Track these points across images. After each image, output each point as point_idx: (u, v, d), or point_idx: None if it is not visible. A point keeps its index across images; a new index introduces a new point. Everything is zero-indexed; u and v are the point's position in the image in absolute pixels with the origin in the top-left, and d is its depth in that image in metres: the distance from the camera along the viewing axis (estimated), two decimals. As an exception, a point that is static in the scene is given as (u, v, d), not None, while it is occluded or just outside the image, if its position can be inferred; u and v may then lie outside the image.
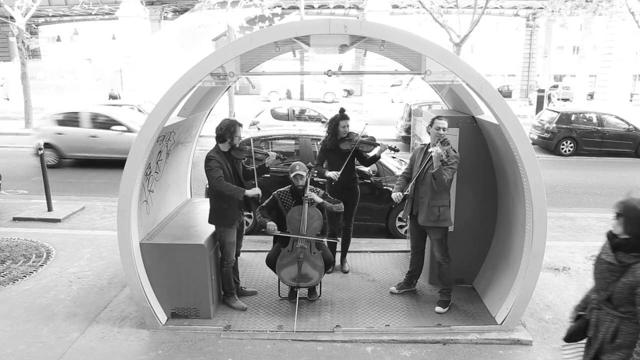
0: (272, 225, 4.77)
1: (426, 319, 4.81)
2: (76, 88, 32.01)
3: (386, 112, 25.32)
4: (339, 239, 5.82)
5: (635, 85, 35.71)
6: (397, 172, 7.09)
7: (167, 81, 4.73)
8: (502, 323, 4.62)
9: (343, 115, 5.55)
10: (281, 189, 5.03)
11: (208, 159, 4.65)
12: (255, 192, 4.64)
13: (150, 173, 4.86)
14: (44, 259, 6.28)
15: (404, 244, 6.66)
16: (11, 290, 5.45)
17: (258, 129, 11.15)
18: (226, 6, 19.53)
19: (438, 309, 4.95)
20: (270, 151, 5.19)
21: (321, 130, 7.64)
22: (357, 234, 6.58)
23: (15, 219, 7.88)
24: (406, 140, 14.21)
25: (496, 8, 29.52)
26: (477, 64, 25.13)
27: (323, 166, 5.62)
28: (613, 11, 21.16)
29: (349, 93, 37.40)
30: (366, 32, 4.12)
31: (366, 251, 6.55)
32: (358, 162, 5.78)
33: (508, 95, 36.33)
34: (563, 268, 6.14)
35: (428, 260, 5.42)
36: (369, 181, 7.06)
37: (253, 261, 6.12)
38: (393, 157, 8.15)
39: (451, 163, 4.58)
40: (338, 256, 5.89)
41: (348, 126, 5.53)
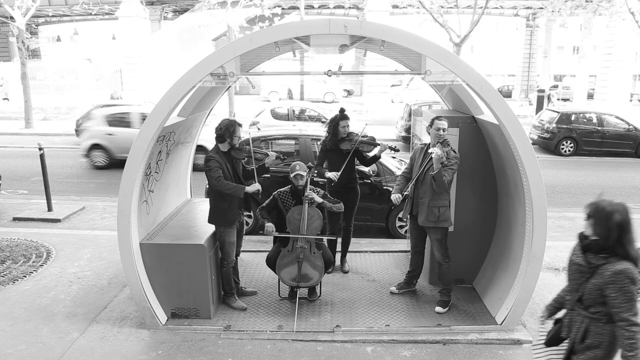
0: (271, 226, 4.77)
1: (426, 319, 4.81)
2: (76, 88, 32.00)
3: (386, 112, 25.34)
4: (339, 238, 5.82)
5: (635, 85, 35.71)
6: (397, 172, 7.09)
7: (167, 81, 4.73)
8: (502, 323, 4.62)
9: (343, 115, 5.55)
10: (281, 189, 5.03)
11: (207, 159, 4.65)
12: (255, 188, 4.64)
13: (150, 173, 4.86)
14: (44, 259, 6.28)
15: (404, 244, 6.66)
16: (11, 290, 5.45)
17: (258, 129, 11.15)
18: (226, 6, 19.52)
19: (438, 309, 4.95)
20: (270, 151, 5.20)
21: (321, 130, 7.64)
22: (357, 234, 6.59)
23: (15, 219, 7.88)
24: (406, 140, 14.21)
25: (496, 8, 29.50)
26: (477, 64, 25.12)
27: (323, 166, 5.63)
28: (613, 11, 21.17)
29: (349, 93, 37.42)
30: (366, 32, 4.12)
31: (366, 251, 6.55)
32: (358, 162, 5.78)
33: (508, 95, 36.36)
34: (563, 268, 6.14)
35: (428, 260, 5.42)
36: (369, 181, 7.06)
37: (253, 261, 6.12)
38: (393, 157, 8.15)
39: (451, 164, 4.58)
40: (338, 256, 5.90)
41: (348, 126, 5.53)
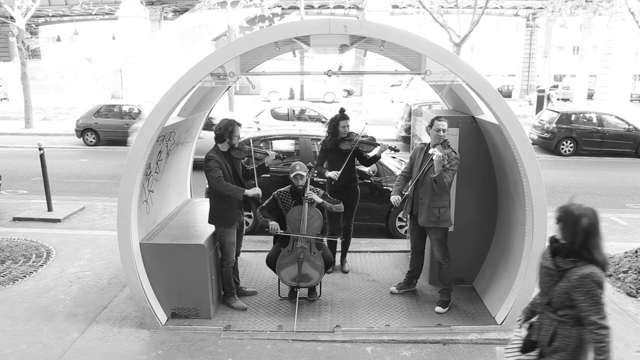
0: (275, 224, 4.77)
1: (426, 319, 4.81)
2: (76, 88, 32.01)
3: (386, 112, 25.34)
4: (340, 239, 5.81)
5: (635, 85, 35.70)
6: (397, 172, 7.09)
7: (167, 81, 4.73)
8: (502, 323, 4.62)
9: (343, 115, 5.55)
10: (281, 189, 5.03)
11: (207, 159, 4.65)
12: (255, 192, 4.64)
13: (150, 173, 4.86)
14: (44, 259, 6.28)
15: (404, 244, 6.66)
16: (11, 290, 5.45)
17: (258, 129, 11.15)
18: (226, 6, 19.54)
19: (438, 309, 4.95)
20: (269, 150, 5.19)
21: (321, 130, 7.64)
22: (357, 234, 6.58)
23: (15, 219, 7.88)
24: (406, 140, 14.22)
25: (496, 8, 29.51)
26: (477, 64, 25.11)
27: (323, 166, 5.63)
28: (613, 11, 21.14)
29: (349, 93, 37.43)
30: (366, 32, 4.12)
31: (366, 251, 6.55)
32: (358, 162, 5.78)
33: (508, 95, 36.36)
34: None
35: (428, 260, 5.42)
36: (369, 181, 7.06)
37: (253, 261, 6.12)
38: (393, 157, 8.15)
39: (452, 165, 4.58)
40: (338, 256, 5.90)
41: (348, 126, 5.53)
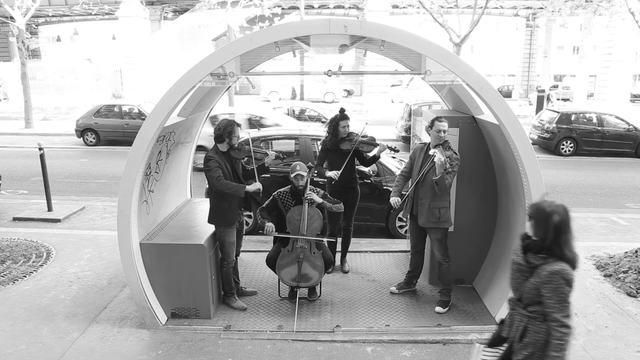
0: (271, 226, 4.77)
1: (426, 319, 4.81)
2: (76, 88, 32.02)
3: (386, 112, 25.33)
4: (339, 239, 5.82)
5: (635, 85, 35.70)
6: (397, 172, 7.08)
7: (167, 81, 4.73)
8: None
9: (343, 115, 5.55)
10: (281, 190, 5.03)
11: (207, 159, 4.65)
12: (255, 187, 4.63)
13: (150, 173, 4.86)
14: (44, 259, 6.28)
15: (404, 244, 6.66)
16: (11, 290, 5.45)
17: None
18: (226, 6, 19.54)
19: (438, 309, 4.95)
20: (269, 150, 5.19)
21: (321, 130, 7.64)
22: (357, 234, 6.58)
23: (15, 219, 7.88)
24: (406, 140, 14.22)
25: (496, 8, 29.50)
26: (477, 64, 25.11)
27: (323, 166, 5.62)
28: (613, 11, 21.14)
29: (349, 93, 37.41)
30: (366, 32, 4.12)
31: (366, 251, 6.55)
32: (358, 162, 5.78)
33: (508, 95, 36.34)
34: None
35: (428, 260, 5.42)
36: (369, 181, 7.06)
37: (253, 261, 6.12)
38: (393, 157, 8.14)
39: (453, 167, 4.58)
40: (338, 256, 5.90)
41: (348, 126, 5.53)
